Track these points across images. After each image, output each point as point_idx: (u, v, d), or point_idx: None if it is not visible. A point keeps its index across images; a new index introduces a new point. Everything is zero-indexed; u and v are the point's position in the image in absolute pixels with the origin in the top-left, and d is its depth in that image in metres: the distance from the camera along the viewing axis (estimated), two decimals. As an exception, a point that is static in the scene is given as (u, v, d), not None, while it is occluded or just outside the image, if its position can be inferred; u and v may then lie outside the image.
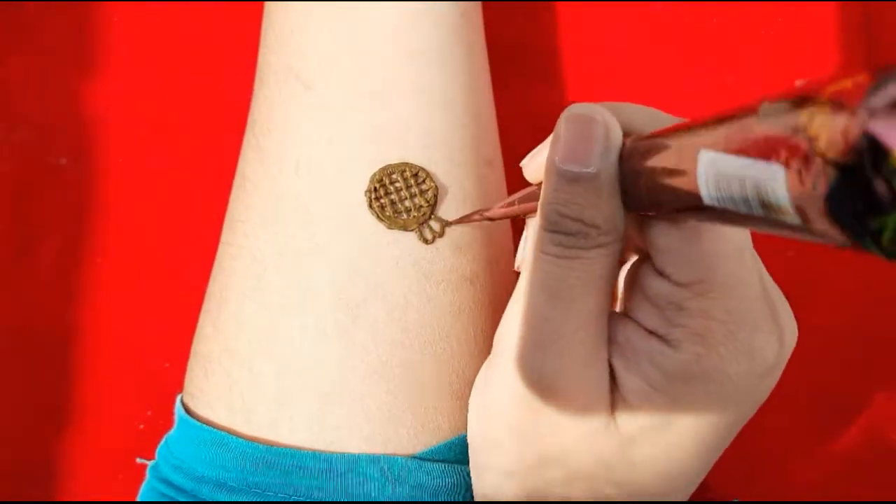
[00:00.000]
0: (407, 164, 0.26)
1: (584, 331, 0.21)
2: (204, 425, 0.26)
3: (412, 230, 0.26)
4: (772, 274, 0.23)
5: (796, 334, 0.22)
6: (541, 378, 0.21)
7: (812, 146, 0.12)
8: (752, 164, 0.13)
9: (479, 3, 0.30)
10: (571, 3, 0.38)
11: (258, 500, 0.25)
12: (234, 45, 0.38)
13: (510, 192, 0.31)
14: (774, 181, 0.13)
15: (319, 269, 0.26)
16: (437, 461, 0.26)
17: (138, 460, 0.33)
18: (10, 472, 0.35)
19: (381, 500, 0.25)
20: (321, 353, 0.26)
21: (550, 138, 0.21)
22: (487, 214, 0.25)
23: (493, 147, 0.30)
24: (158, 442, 0.29)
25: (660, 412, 0.21)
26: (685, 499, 0.24)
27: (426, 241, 0.26)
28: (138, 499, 0.28)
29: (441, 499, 0.26)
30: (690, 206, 0.16)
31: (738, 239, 0.20)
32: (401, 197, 0.26)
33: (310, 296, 0.26)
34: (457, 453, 0.26)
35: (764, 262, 0.22)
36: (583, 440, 0.21)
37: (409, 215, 0.26)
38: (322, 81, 0.27)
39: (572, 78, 0.38)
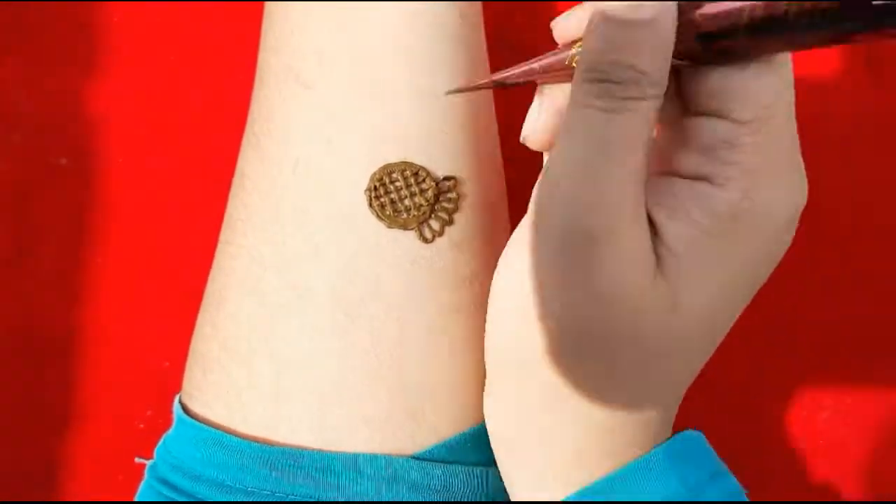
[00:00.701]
0: (407, 163, 0.26)
1: (631, 186, 0.21)
2: (202, 425, 0.26)
3: (412, 229, 0.26)
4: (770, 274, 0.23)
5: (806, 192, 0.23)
6: (589, 234, 0.21)
7: None
8: None
9: (479, 2, 0.30)
10: (571, 4, 0.38)
11: (256, 500, 0.25)
12: (234, 45, 0.38)
13: (511, 192, 0.31)
14: None
15: (318, 268, 0.26)
16: (436, 461, 0.26)
17: (137, 460, 0.33)
18: (10, 473, 0.35)
19: (379, 500, 0.25)
20: (320, 353, 0.26)
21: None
22: (499, 78, 0.24)
23: (493, 147, 0.30)
24: (158, 441, 0.29)
25: (707, 254, 0.21)
26: (714, 347, 0.24)
27: (426, 241, 0.26)
28: (136, 499, 0.28)
29: (440, 499, 0.26)
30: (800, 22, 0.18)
31: (789, 77, 0.21)
32: (401, 196, 0.26)
33: (309, 295, 0.26)
34: (455, 454, 0.26)
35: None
36: (630, 296, 0.21)
37: (408, 214, 0.26)
38: (321, 81, 0.27)
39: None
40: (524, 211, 0.23)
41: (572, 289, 0.21)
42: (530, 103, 0.25)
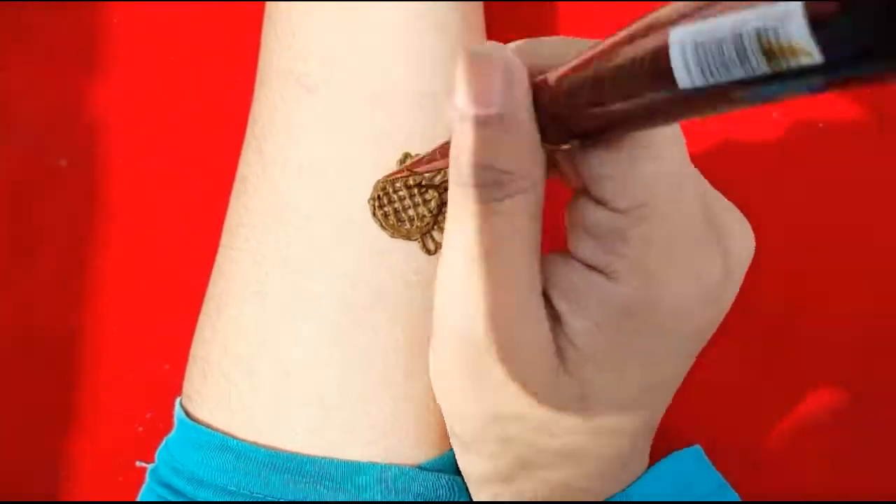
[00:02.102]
0: (411, 173, 0.26)
1: (515, 287, 0.20)
2: (204, 428, 0.26)
3: (415, 240, 0.26)
4: (766, 272, 0.23)
5: (749, 248, 0.21)
6: (477, 345, 0.20)
7: None
8: (749, 13, 0.12)
9: (481, 3, 0.30)
10: (571, 4, 0.38)
11: (258, 501, 0.25)
12: (234, 46, 0.38)
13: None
14: (787, 17, 0.11)
15: (322, 274, 0.26)
16: (440, 472, 0.26)
17: (138, 463, 0.33)
18: (9, 473, 0.35)
19: (383, 501, 0.25)
20: (323, 359, 0.25)
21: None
22: (411, 167, 0.24)
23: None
24: (158, 444, 0.29)
25: (608, 347, 0.20)
26: (649, 433, 0.24)
27: (429, 252, 0.26)
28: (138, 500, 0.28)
29: None
30: (645, 112, 0.15)
31: (675, 159, 0.19)
32: (404, 206, 0.26)
33: (312, 301, 0.26)
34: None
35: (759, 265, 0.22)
36: (533, 394, 0.20)
37: (412, 225, 0.26)
38: (323, 84, 0.27)
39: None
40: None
41: (473, 399, 0.21)
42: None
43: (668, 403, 0.23)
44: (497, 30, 0.33)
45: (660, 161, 0.19)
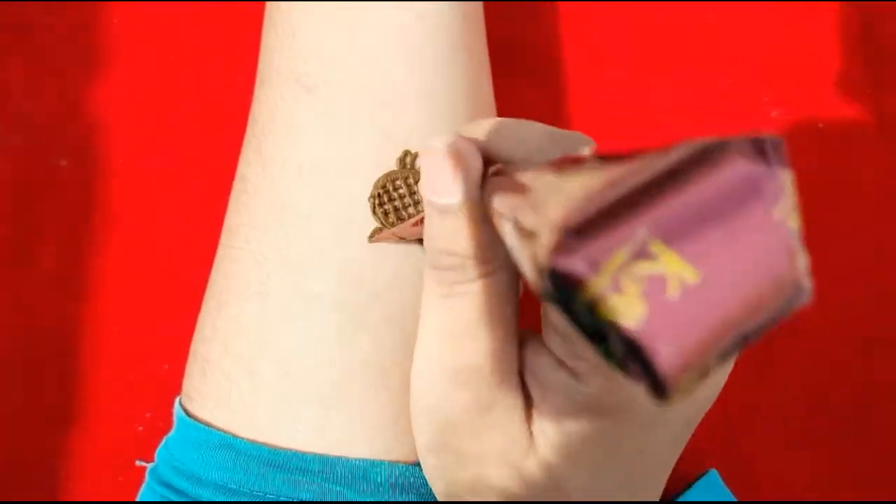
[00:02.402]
0: (410, 170, 0.26)
1: (484, 370, 0.20)
2: (204, 426, 0.26)
3: (413, 240, 0.26)
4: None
5: None
6: (451, 424, 0.20)
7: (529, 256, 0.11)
8: (518, 250, 0.13)
9: (481, 3, 0.30)
10: (572, 4, 0.38)
11: (259, 501, 0.25)
12: (234, 46, 0.38)
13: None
14: (526, 270, 0.12)
15: (322, 273, 0.26)
16: None
17: (138, 463, 0.33)
18: (9, 473, 0.35)
19: (385, 500, 0.25)
20: (324, 358, 0.25)
21: None
22: (398, 234, 0.25)
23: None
24: (157, 444, 0.29)
25: (581, 446, 0.20)
26: None
27: None
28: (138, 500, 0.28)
29: None
30: None
31: None
32: (404, 204, 0.26)
33: (312, 300, 0.26)
34: None
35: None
36: (508, 475, 0.20)
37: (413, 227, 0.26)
38: (324, 84, 0.27)
39: (573, 78, 0.38)
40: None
41: (444, 476, 0.21)
42: (530, 106, 0.25)
43: (662, 486, 0.23)
44: (497, 29, 0.33)
45: None
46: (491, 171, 0.19)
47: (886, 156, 0.38)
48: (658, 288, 0.10)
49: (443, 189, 0.19)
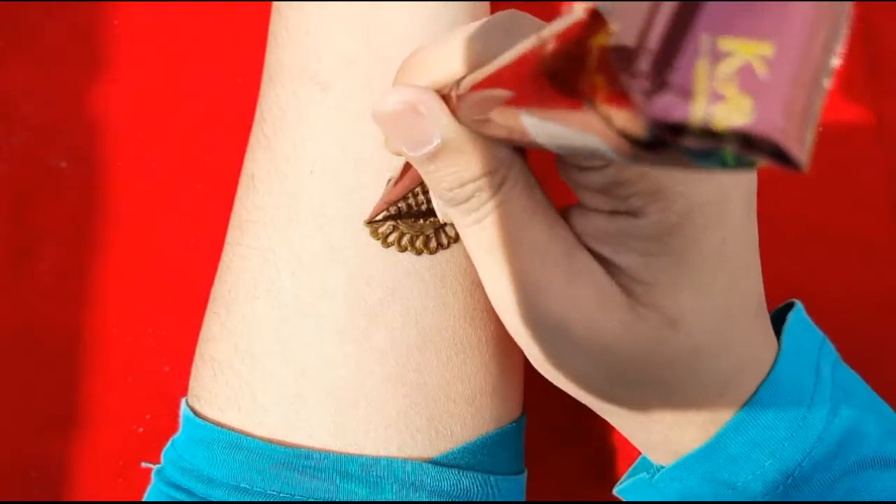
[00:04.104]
0: (396, 204, 0.26)
1: (550, 261, 0.20)
2: (215, 426, 0.26)
3: (428, 235, 0.26)
4: (765, 276, 0.23)
5: None
6: (541, 329, 0.21)
7: (612, 127, 0.11)
8: (570, 132, 0.13)
9: (487, 3, 0.30)
10: (571, 4, 0.39)
11: (272, 500, 0.24)
12: (235, 47, 0.38)
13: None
14: (596, 146, 0.12)
15: (335, 271, 0.26)
16: (453, 466, 0.26)
17: (143, 464, 0.33)
18: (9, 473, 0.35)
19: (396, 500, 0.25)
20: (338, 356, 0.25)
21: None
22: (388, 199, 0.25)
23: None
24: (158, 446, 0.29)
25: (672, 271, 0.20)
26: (761, 312, 0.23)
27: (441, 246, 0.26)
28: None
29: None
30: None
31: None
32: (417, 201, 0.26)
33: (325, 298, 0.26)
34: (469, 459, 0.26)
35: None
36: (620, 336, 0.21)
37: (425, 220, 0.26)
38: (339, 83, 0.27)
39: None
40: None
41: (559, 365, 0.22)
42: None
43: (761, 277, 0.23)
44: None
45: None
46: (462, 88, 0.18)
47: (886, 159, 0.38)
48: (749, 76, 0.10)
49: (419, 138, 0.19)
